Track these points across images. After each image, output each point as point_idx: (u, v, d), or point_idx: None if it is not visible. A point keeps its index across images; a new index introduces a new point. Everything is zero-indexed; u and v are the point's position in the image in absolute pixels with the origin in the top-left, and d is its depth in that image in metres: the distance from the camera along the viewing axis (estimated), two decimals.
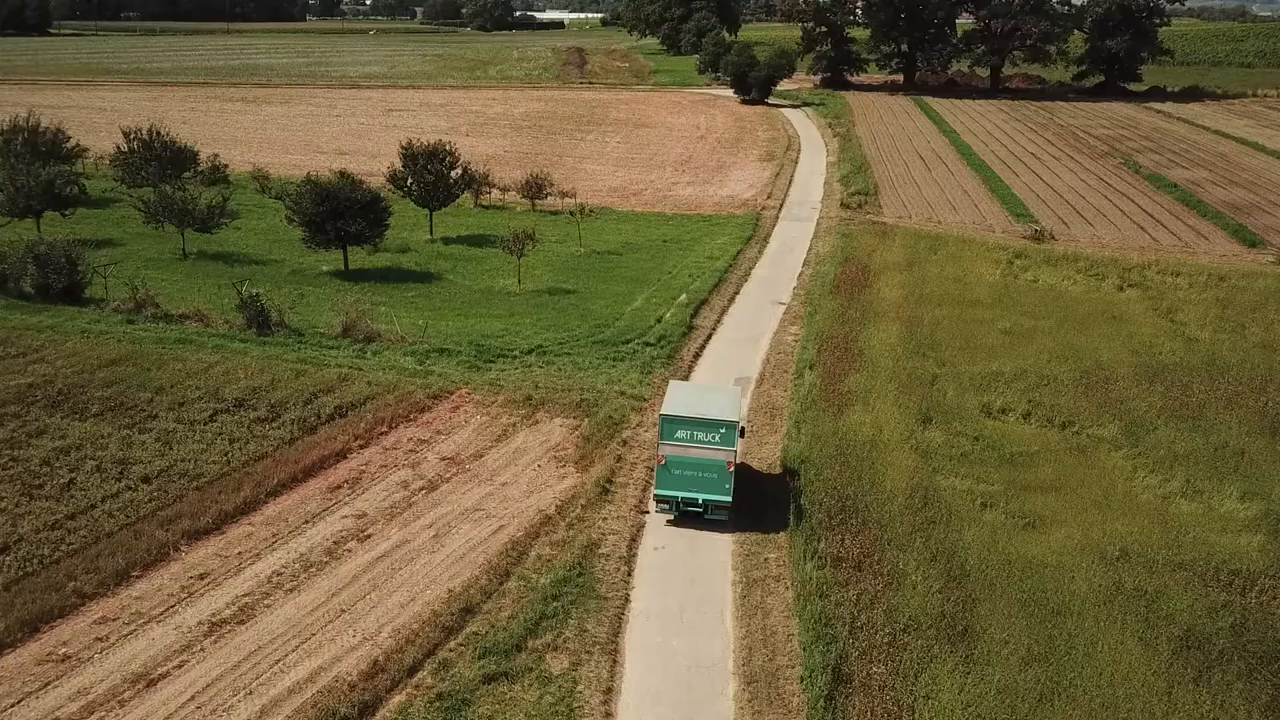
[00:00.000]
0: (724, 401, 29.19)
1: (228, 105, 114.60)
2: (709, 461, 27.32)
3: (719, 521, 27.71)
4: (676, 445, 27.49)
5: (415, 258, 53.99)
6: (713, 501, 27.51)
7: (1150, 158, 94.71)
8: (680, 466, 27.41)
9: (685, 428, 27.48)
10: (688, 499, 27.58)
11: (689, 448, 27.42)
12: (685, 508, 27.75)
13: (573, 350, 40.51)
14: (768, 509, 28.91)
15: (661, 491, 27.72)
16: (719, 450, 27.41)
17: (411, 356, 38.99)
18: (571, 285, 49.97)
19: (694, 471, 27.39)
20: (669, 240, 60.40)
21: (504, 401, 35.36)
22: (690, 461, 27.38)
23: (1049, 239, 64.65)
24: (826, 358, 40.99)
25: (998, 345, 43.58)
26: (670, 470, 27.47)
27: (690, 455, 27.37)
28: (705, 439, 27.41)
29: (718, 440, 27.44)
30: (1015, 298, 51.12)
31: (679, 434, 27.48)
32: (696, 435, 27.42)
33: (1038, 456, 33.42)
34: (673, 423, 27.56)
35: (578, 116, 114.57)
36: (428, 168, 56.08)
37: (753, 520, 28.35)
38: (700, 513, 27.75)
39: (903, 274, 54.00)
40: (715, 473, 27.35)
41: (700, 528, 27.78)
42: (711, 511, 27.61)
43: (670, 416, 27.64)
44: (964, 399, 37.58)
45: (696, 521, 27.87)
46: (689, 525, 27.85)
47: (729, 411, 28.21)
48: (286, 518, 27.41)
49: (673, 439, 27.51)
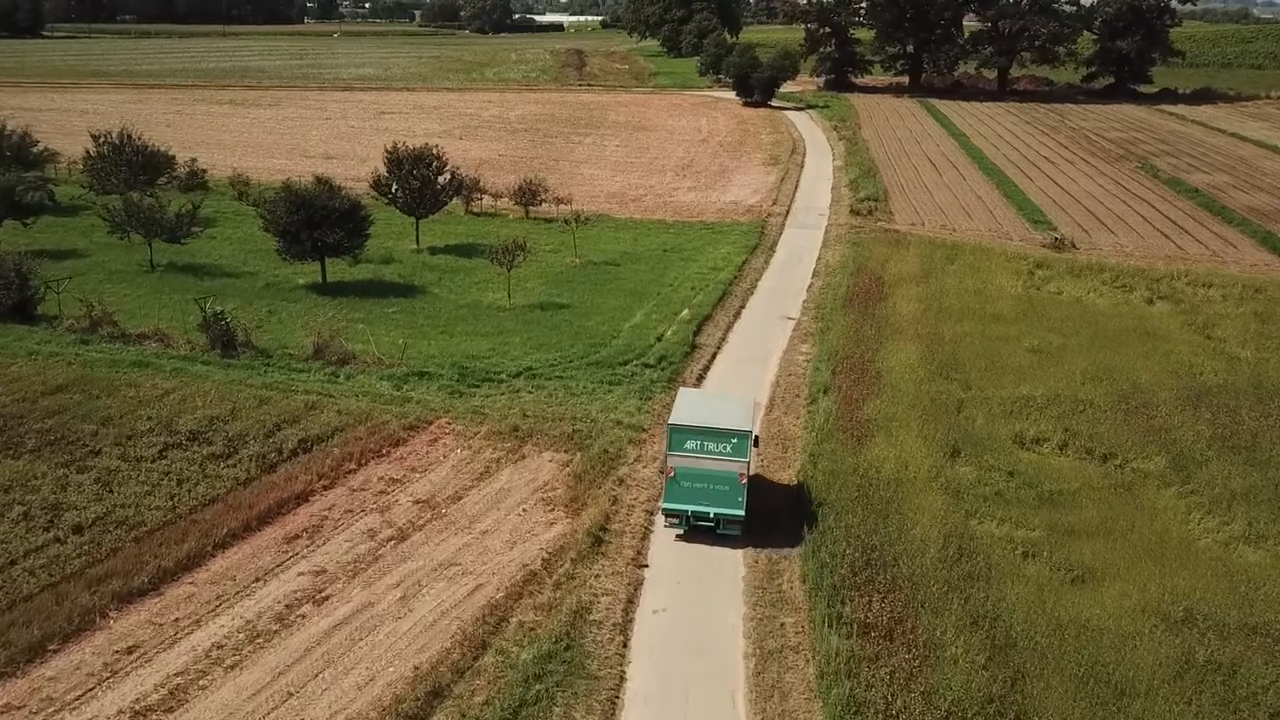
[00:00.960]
0: (736, 410, 27.73)
1: (215, 108, 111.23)
2: (720, 473, 25.91)
3: (732, 536, 26.23)
4: (686, 456, 26.07)
5: (399, 269, 50.62)
6: (725, 515, 26.05)
7: (1167, 161, 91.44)
8: (690, 479, 25.97)
9: (695, 438, 26.07)
10: (698, 513, 26.13)
11: (699, 459, 26.01)
12: (696, 522, 26.29)
13: (565, 373, 37.14)
14: (784, 562, 25.55)
15: (670, 505, 26.29)
16: (731, 461, 25.97)
17: (388, 381, 35.62)
18: (566, 299, 46.60)
19: (705, 484, 25.99)
20: (670, 249, 57.06)
21: (488, 433, 31.95)
22: (701, 473, 25.95)
23: (1070, 247, 61.36)
24: (842, 380, 37.64)
25: (1026, 365, 40.23)
26: (679, 483, 26.04)
27: (701, 467, 25.95)
28: (716, 450, 26.01)
29: (729, 451, 26.01)
30: (1040, 312, 47.78)
31: (688, 444, 26.08)
32: (707, 446, 26.03)
33: (1079, 495, 30.09)
34: (681, 433, 26.14)
35: (575, 119, 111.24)
36: (413, 173, 52.68)
37: (767, 575, 25.00)
38: (712, 527, 26.26)
39: (919, 286, 50.65)
40: (727, 485, 25.93)
41: (712, 543, 26.20)
42: (724, 526, 26.18)
43: (679, 426, 26.23)
44: (994, 428, 34.24)
45: (708, 537, 26.28)
46: (699, 541, 26.29)
47: (741, 420, 26.79)
48: (234, 575, 24.02)
49: (682, 449, 26.10)
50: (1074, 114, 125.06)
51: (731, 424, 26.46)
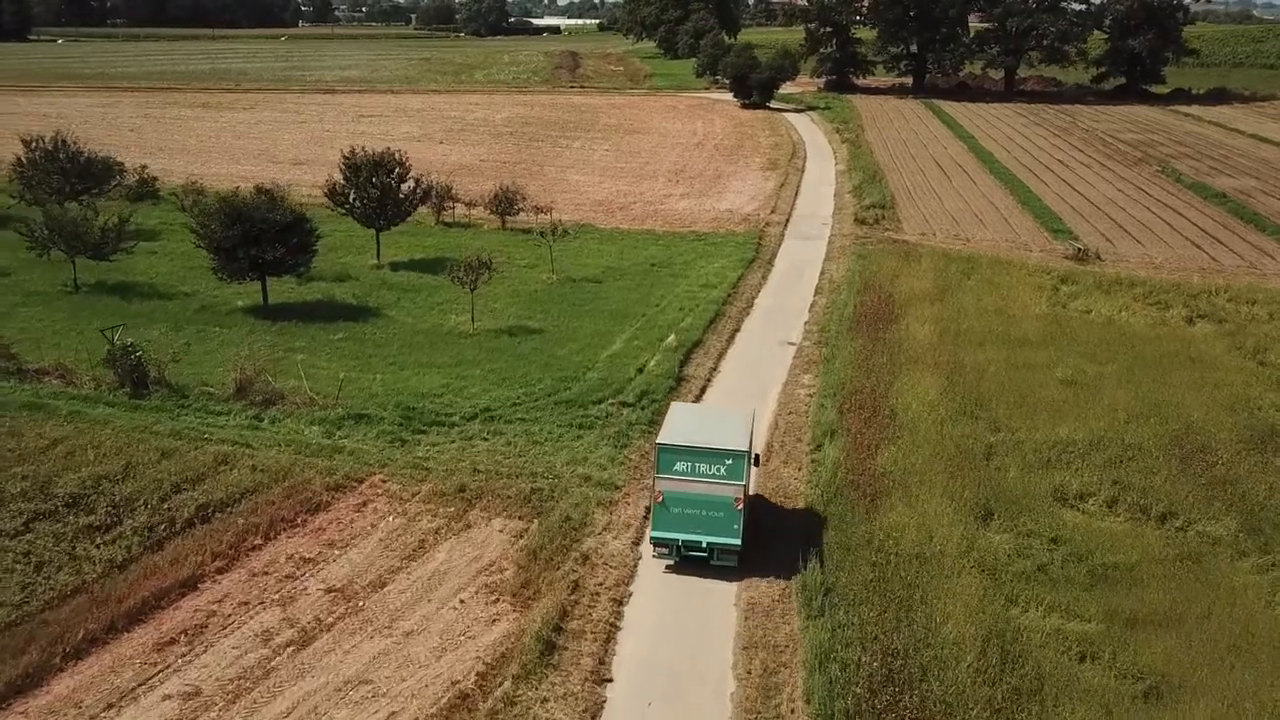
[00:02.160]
0: (732, 427, 25.18)
1: (186, 111, 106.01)
2: (714, 498, 23.63)
3: (727, 568, 23.84)
4: (676, 480, 23.80)
5: (354, 288, 45.41)
6: (719, 545, 23.76)
7: (1188, 164, 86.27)
8: (680, 504, 23.73)
9: (686, 458, 23.75)
10: (689, 542, 23.82)
11: (690, 482, 23.74)
12: (687, 552, 23.96)
13: (529, 414, 31.93)
14: (785, 656, 20.38)
15: (659, 534, 23.99)
16: (725, 485, 23.67)
17: (319, 426, 30.41)
18: (538, 323, 41.41)
19: (696, 510, 23.71)
20: (658, 264, 51.86)
21: (428, 494, 26.72)
22: (692, 498, 23.69)
23: (1094, 259, 56.23)
24: (851, 421, 32.47)
25: (1060, 401, 35.04)
26: (668, 509, 23.77)
27: (692, 491, 23.71)
28: (709, 472, 23.74)
29: (723, 473, 23.71)
30: (1070, 334, 42.60)
31: (678, 466, 23.77)
32: (699, 468, 23.77)
33: (1138, 570, 24.92)
34: (671, 453, 23.83)
35: (564, 122, 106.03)
36: (372, 180, 47.46)
37: (761, 692, 19.78)
38: (705, 557, 23.93)
39: (934, 305, 45.44)
40: (721, 511, 23.65)
41: (705, 574, 23.79)
42: (718, 556, 23.88)
43: (668, 446, 23.91)
44: (1030, 481, 29.06)
45: (701, 569, 23.88)
46: (690, 573, 23.94)
47: (736, 439, 24.29)
48: (81, 700, 18.80)
49: (671, 472, 23.82)
50: (1085, 115, 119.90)
51: (725, 443, 23.88)
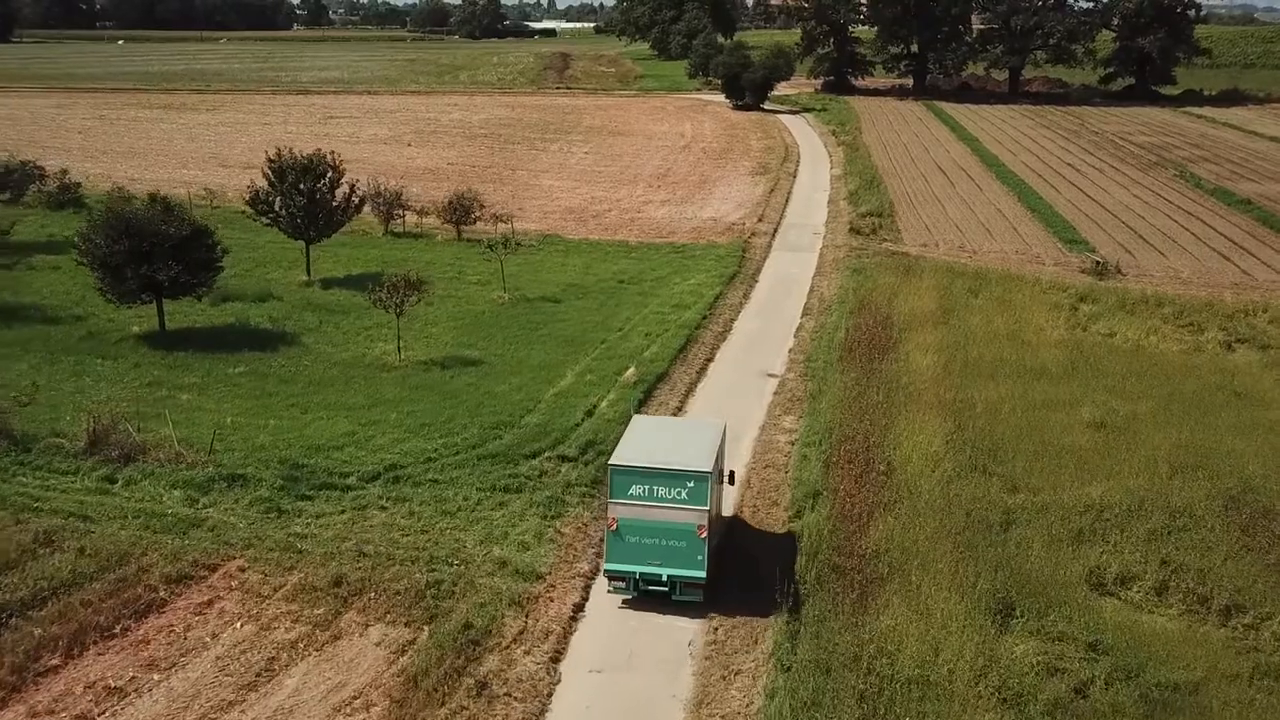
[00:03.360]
0: (697, 443, 22.61)
1: (146, 112, 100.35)
2: (674, 526, 21.11)
3: (691, 603, 21.18)
4: (631, 505, 21.30)
5: (275, 309, 39.70)
6: (681, 578, 21.16)
7: (1207, 168, 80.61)
8: (637, 532, 21.24)
9: (642, 481, 21.27)
10: (648, 575, 21.26)
11: (648, 508, 21.23)
12: (646, 586, 21.35)
13: (445, 472, 26.17)
14: None
15: (613, 566, 21.47)
16: (687, 510, 21.10)
17: (182, 490, 24.65)
18: (479, 351, 35.69)
19: (655, 539, 21.19)
20: (627, 280, 46.16)
21: (295, 589, 20.96)
22: (650, 526, 21.20)
23: (1114, 273, 50.58)
24: (839, 479, 26.77)
25: (1088, 450, 29.32)
26: (624, 538, 21.28)
27: (650, 518, 21.20)
28: (669, 496, 21.17)
29: (685, 498, 21.13)
30: (1093, 364, 36.89)
31: (634, 490, 21.27)
32: (657, 491, 21.21)
33: (1205, 692, 19.26)
34: (625, 474, 21.33)
35: (545, 124, 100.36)
36: (299, 186, 41.74)
37: None
38: (666, 592, 21.32)
39: (937, 329, 39.74)
40: (683, 540, 21.10)
41: (666, 612, 20.91)
42: (681, 590, 21.29)
43: (621, 467, 21.40)
44: (1059, 560, 23.37)
45: (662, 605, 21.24)
46: (650, 610, 21.11)
47: (700, 459, 21.67)
48: None
49: (626, 496, 21.32)
50: (1094, 117, 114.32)
51: (687, 463, 21.29)
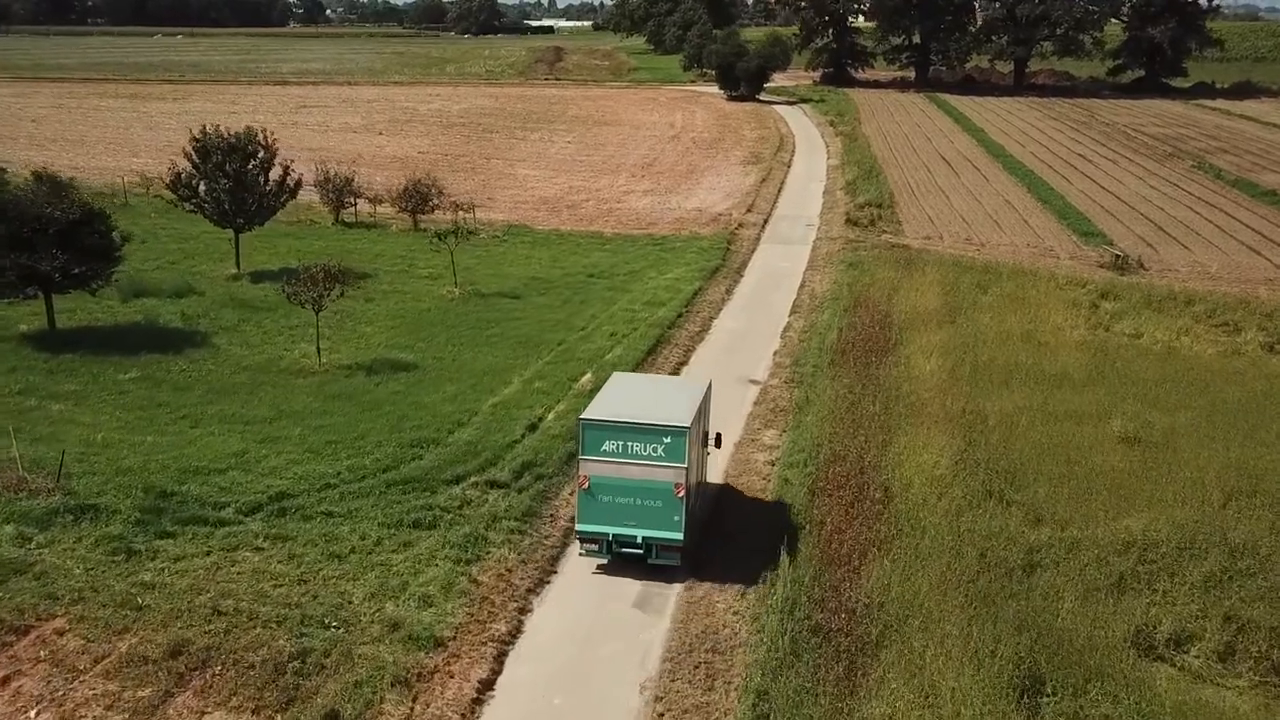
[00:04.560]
0: (677, 399, 21.43)
1: (110, 102, 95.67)
2: (650, 485, 19.77)
3: (668, 568, 19.89)
4: (604, 462, 19.89)
5: (192, 306, 35.09)
6: (657, 540, 19.88)
7: (1226, 159, 76.13)
8: (610, 491, 19.88)
9: (616, 436, 19.84)
10: (622, 537, 19.96)
11: (622, 465, 19.84)
12: (620, 549, 20.11)
13: (344, 501, 21.54)
14: None
15: (586, 527, 20.21)
16: (663, 468, 19.73)
17: (16, 524, 19.98)
18: (417, 354, 31.09)
19: (630, 499, 19.84)
20: (597, 274, 41.59)
21: (121, 659, 16.34)
22: (624, 485, 19.85)
23: (1136, 267, 46.07)
24: (825, 509, 22.18)
25: (1123, 471, 24.72)
26: (596, 497, 19.95)
27: (624, 476, 19.84)
28: (644, 453, 19.75)
29: (661, 454, 19.71)
30: (1120, 369, 32.31)
31: (607, 446, 19.86)
32: (631, 448, 19.77)
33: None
34: (597, 429, 19.92)
35: (529, 114, 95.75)
36: (224, 168, 37.08)
37: None
38: (641, 555, 20.05)
39: (942, 329, 35.15)
40: (659, 499, 19.78)
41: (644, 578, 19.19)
42: (657, 554, 20.04)
43: (593, 421, 20.03)
44: (1096, 617, 18.80)
45: (637, 570, 19.98)
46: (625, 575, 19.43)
47: (678, 413, 20.34)
48: None
49: (598, 453, 19.92)
50: (1102, 109, 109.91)
51: (664, 418, 20.04)
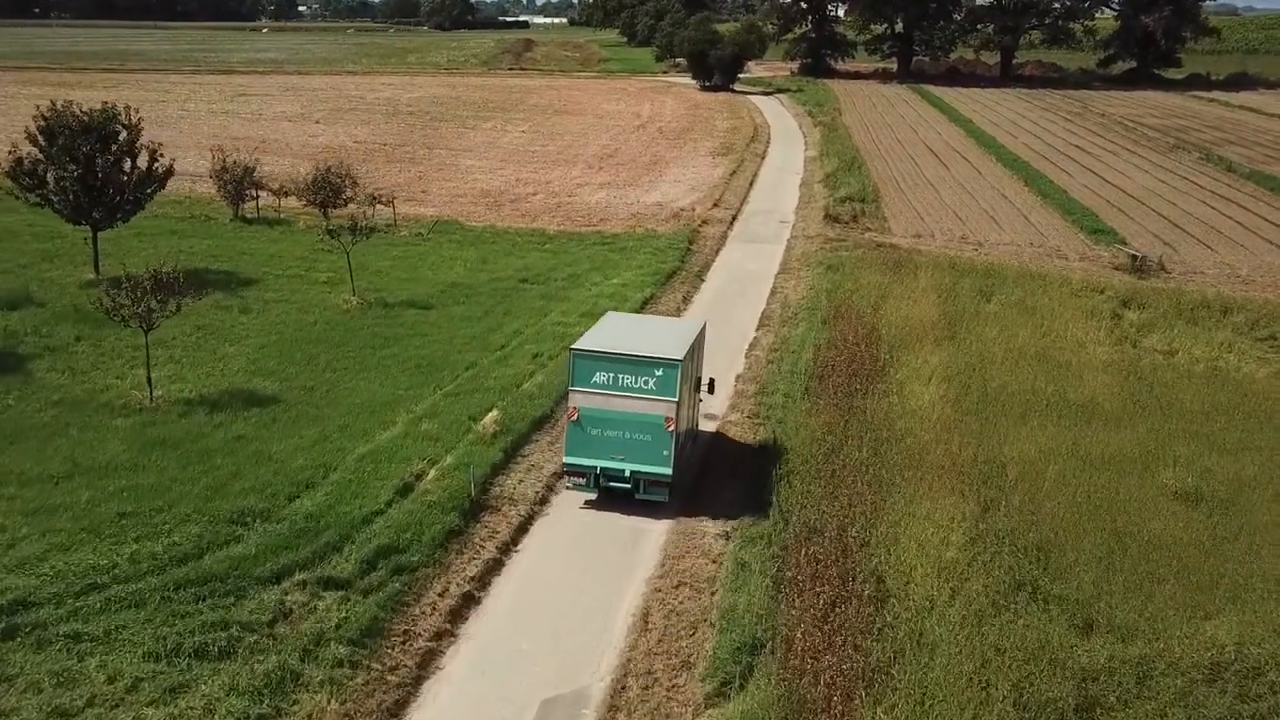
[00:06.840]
0: (671, 335, 20.40)
1: (29, 89, 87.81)
2: (639, 417, 18.90)
3: (656, 503, 18.98)
4: (594, 394, 19.07)
5: (22, 320, 28.37)
6: (646, 474, 18.96)
7: (1235, 151, 70.37)
8: (599, 424, 19.06)
9: (607, 368, 19.02)
10: (610, 470, 19.09)
11: (611, 397, 19.00)
12: (608, 483, 19.23)
13: (106, 614, 14.99)
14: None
15: (573, 460, 19.32)
16: (654, 401, 18.88)
17: None
18: (280, 384, 24.54)
19: (619, 431, 18.98)
20: (531, 279, 35.14)
21: None
22: (613, 417, 19.01)
23: (1157, 270, 40.09)
24: (794, 615, 15.91)
25: (1186, 544, 18.60)
26: (585, 429, 19.05)
27: (614, 408, 19.02)
28: (635, 385, 18.92)
29: (652, 387, 18.88)
30: (1159, 396, 26.20)
31: (598, 378, 19.06)
32: (622, 380, 18.97)
33: None
34: (588, 360, 19.10)
35: (484, 103, 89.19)
36: (72, 152, 30.42)
37: None
38: (629, 490, 19.13)
39: (941, 347, 28.86)
40: (649, 433, 18.87)
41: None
42: (645, 489, 19.12)
43: (584, 352, 19.23)
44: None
45: (625, 505, 19.08)
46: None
47: (672, 346, 19.48)
48: None
49: (589, 384, 19.08)
50: (1096, 100, 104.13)
51: (657, 350, 19.03)
